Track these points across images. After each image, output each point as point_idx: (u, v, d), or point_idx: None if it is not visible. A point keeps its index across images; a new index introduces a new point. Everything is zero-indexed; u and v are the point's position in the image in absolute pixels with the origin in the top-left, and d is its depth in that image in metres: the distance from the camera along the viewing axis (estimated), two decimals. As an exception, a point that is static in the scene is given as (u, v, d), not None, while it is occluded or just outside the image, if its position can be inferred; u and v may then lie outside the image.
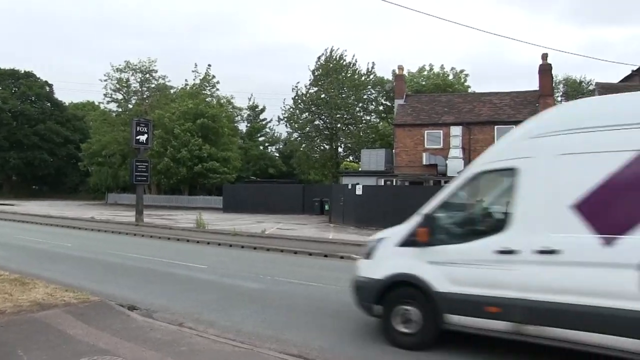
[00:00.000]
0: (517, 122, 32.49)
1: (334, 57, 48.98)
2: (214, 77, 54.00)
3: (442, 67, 54.03)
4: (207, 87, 54.30)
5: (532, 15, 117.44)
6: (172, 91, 56.53)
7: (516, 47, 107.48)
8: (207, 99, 52.41)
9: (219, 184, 47.63)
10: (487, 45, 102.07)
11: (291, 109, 49.88)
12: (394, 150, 36.23)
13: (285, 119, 50.89)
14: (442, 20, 46.08)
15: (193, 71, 54.69)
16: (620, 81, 32.87)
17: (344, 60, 49.45)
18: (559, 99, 61.30)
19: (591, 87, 53.08)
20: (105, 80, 54.56)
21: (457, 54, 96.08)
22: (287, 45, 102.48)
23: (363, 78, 50.24)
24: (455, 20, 59.63)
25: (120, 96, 55.94)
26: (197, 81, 53.96)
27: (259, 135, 64.17)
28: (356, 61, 50.51)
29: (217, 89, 54.72)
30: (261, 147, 62.59)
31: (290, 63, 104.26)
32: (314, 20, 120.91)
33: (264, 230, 25.20)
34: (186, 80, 55.71)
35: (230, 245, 19.99)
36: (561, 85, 61.97)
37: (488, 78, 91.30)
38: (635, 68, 30.27)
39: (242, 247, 19.67)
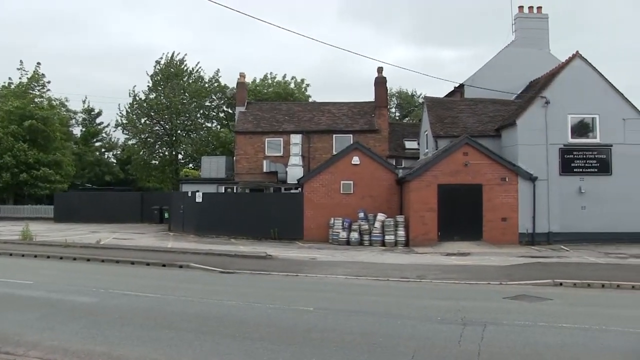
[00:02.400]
0: (354, 132, 34.15)
1: (174, 62, 47.86)
2: (43, 76, 50.19)
3: (284, 77, 54.89)
4: (36, 86, 50.33)
5: (378, 32, 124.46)
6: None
7: (358, 61, 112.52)
8: (36, 100, 48.61)
9: (50, 193, 44.41)
10: (332, 57, 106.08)
11: (129, 114, 47.89)
12: (234, 158, 36.17)
13: (123, 124, 48.76)
14: (289, 31, 47.47)
15: (19, 69, 49.88)
16: (445, 96, 35.56)
17: (185, 65, 48.55)
18: (393, 109, 65.12)
19: (421, 100, 56.82)
20: None
21: (303, 64, 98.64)
22: (135, 48, 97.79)
23: (207, 85, 49.65)
24: (299, 32, 60.89)
25: None
26: (25, 80, 49.79)
27: (94, 140, 60.84)
28: (200, 67, 49.78)
29: (49, 89, 50.88)
30: (97, 153, 59.32)
31: (136, 67, 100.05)
32: (163, 25, 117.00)
33: (99, 240, 23.97)
34: (10, 78, 50.94)
35: (61, 258, 18.78)
36: (395, 98, 65.69)
37: (330, 88, 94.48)
38: (457, 85, 32.89)
39: (74, 259, 18.57)
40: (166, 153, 49.56)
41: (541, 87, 26.18)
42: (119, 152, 60.78)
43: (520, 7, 32.21)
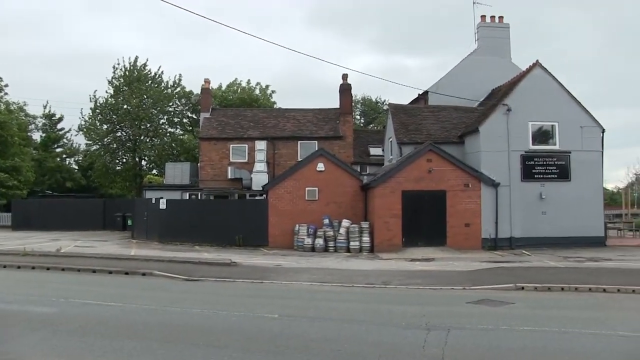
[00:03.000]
0: (319, 138, 34.27)
1: (137, 67, 47.16)
2: (1, 79, 48.94)
3: (248, 82, 54.72)
4: (-7, 90, 48.99)
5: (345, 39, 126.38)
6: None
7: (324, 67, 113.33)
8: (-8, 104, 47.35)
9: (8, 200, 43.19)
10: (298, 64, 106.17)
11: (91, 119, 47.02)
12: (199, 164, 35.95)
13: (85, 130, 47.82)
14: (254, 37, 46.48)
15: (-26, 72, 48.60)
16: (409, 103, 35.94)
17: (149, 70, 47.90)
18: (358, 116, 65.51)
19: (385, 107, 57.28)
20: None
21: (269, 70, 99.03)
22: (100, 53, 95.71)
23: (169, 90, 49.12)
24: (265, 38, 60.82)
25: None
26: (-19, 84, 48.38)
27: (55, 146, 59.49)
28: (162, 72, 49.15)
29: (6, 93, 49.62)
30: (58, 159, 58.00)
31: (101, 71, 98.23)
32: (128, 29, 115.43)
33: (60, 248, 23.43)
34: (-35, 82, 49.39)
35: (19, 267, 18.27)
36: (359, 104, 66.10)
37: (297, 95, 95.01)
38: (421, 92, 33.27)
39: (33, 268, 18.09)
40: (129, 159, 48.83)
41: (503, 94, 26.67)
42: (80, 158, 59.57)
43: (483, 17, 32.82)
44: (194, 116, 50.38)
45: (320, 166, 26.49)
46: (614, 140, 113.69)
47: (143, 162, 50.68)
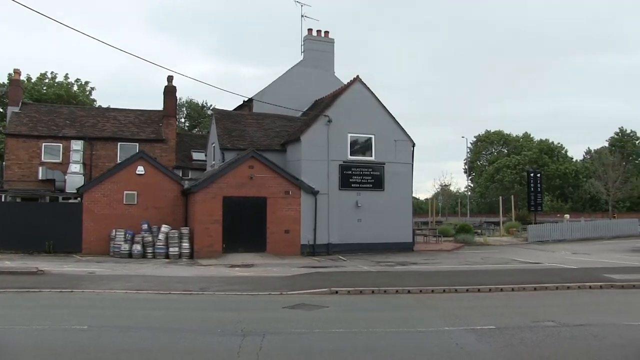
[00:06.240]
0: (140, 140, 33.06)
1: None
2: None
3: (66, 77, 51.16)
4: None
5: (184, 45, 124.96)
6: None
7: (158, 71, 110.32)
8: None
9: None
10: (132, 66, 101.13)
11: None
12: (4, 163, 32.86)
13: None
14: (78, 32, 43.20)
15: None
16: (235, 109, 35.97)
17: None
18: (183, 120, 64.35)
19: (210, 112, 56.87)
20: None
21: (101, 70, 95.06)
22: None
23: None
24: (91, 35, 57.03)
25: None
26: None
27: None
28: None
29: None
30: None
31: None
32: None
33: None
34: None
35: None
36: (185, 108, 65.04)
37: (128, 97, 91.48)
38: (246, 99, 33.42)
39: None
40: None
41: (325, 106, 27.73)
42: None
43: (310, 30, 33.92)
44: (1, 109, 46.01)
45: (140, 169, 25.55)
46: (424, 154, 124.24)
47: None
